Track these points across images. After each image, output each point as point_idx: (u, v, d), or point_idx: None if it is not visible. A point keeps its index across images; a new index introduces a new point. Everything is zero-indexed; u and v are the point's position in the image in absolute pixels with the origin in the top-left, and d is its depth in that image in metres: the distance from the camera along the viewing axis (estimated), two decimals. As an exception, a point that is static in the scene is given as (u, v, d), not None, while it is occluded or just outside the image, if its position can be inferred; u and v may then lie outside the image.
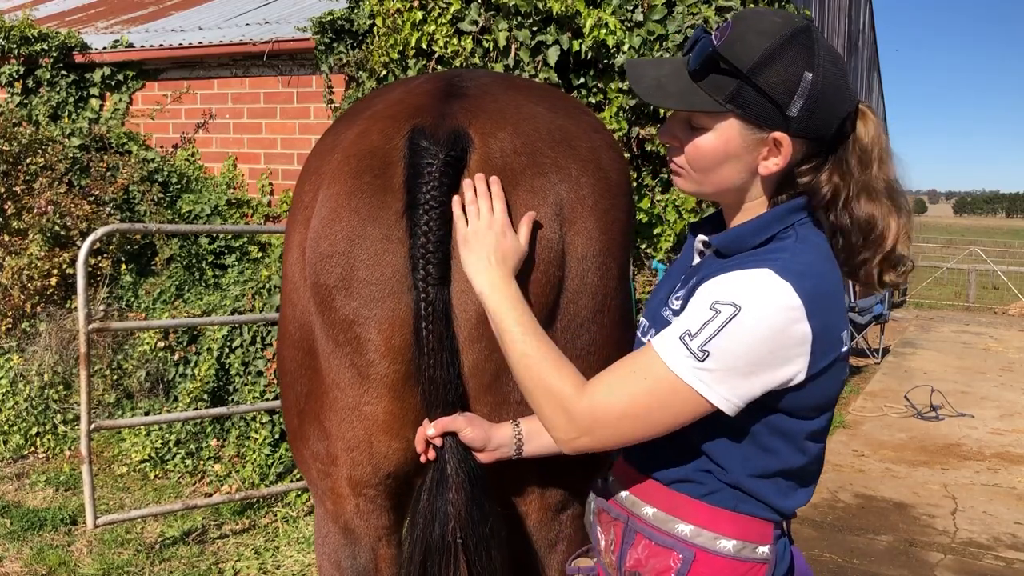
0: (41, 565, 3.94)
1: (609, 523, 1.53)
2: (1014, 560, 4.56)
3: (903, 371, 9.75)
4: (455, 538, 1.49)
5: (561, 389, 1.36)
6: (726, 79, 1.33)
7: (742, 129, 1.35)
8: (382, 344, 1.55)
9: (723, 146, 1.37)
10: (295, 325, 1.71)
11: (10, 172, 5.89)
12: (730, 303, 1.27)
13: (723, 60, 1.32)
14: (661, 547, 1.41)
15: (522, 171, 1.56)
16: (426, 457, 1.55)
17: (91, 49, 7.34)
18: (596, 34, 4.88)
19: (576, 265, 1.60)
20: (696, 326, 1.29)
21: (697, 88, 1.35)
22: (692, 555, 1.38)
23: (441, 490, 1.52)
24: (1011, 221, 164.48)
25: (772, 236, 1.38)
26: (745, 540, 1.39)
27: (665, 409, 1.31)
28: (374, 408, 1.60)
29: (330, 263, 1.57)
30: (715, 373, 1.27)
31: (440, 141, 1.54)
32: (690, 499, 1.41)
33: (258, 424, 4.98)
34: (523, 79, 1.97)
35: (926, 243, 31.07)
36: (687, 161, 1.41)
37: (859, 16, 12.35)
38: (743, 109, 1.33)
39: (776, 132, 1.34)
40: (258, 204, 6.81)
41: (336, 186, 1.60)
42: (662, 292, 1.55)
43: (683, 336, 1.29)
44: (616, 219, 1.67)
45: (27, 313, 5.73)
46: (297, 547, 4.23)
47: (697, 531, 1.39)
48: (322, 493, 1.75)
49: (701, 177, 1.41)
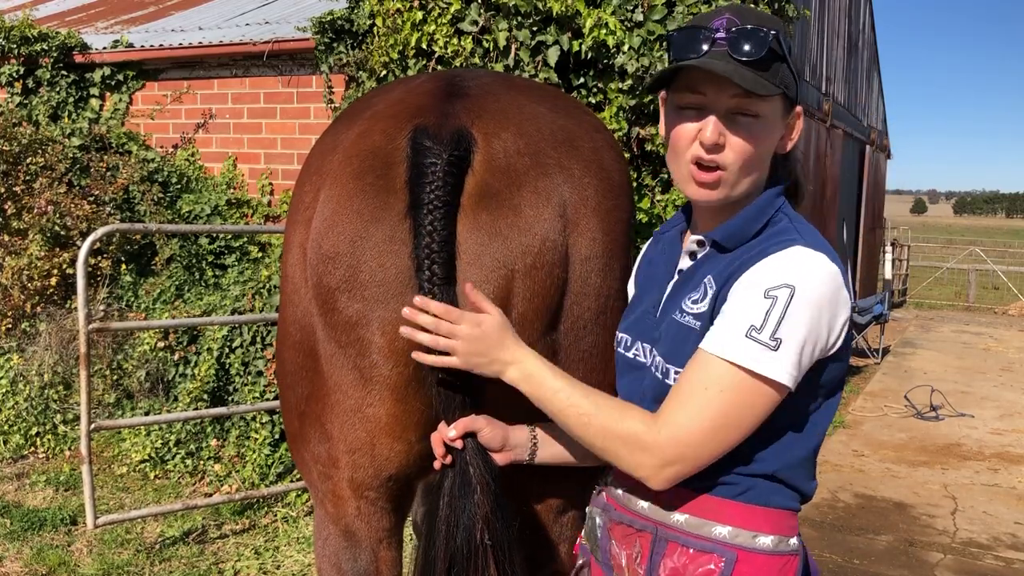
0: (41, 565, 3.94)
1: (631, 536, 1.49)
2: (1014, 560, 4.56)
3: (903, 371, 9.75)
4: (483, 540, 1.47)
5: (632, 431, 1.35)
6: (778, 64, 1.38)
7: (782, 108, 1.42)
8: (385, 346, 1.54)
9: (771, 129, 1.41)
10: (296, 326, 1.69)
11: (10, 172, 5.89)
12: (783, 285, 1.30)
13: (779, 44, 1.37)
14: (700, 552, 1.39)
15: (526, 172, 1.55)
16: (443, 461, 1.52)
17: (91, 49, 7.34)
18: (596, 34, 4.88)
19: (580, 266, 1.59)
20: (759, 318, 1.30)
21: (758, 75, 1.35)
22: (734, 556, 1.37)
23: (465, 492, 1.48)
24: (1011, 221, 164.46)
25: (767, 221, 1.42)
26: (780, 534, 1.40)
27: (751, 409, 1.32)
28: (377, 410, 1.58)
29: (333, 264, 1.55)
30: (790, 357, 1.30)
31: (443, 141, 1.52)
32: (723, 500, 1.39)
33: (258, 424, 4.98)
34: (523, 79, 1.96)
35: (926, 243, 31.08)
36: (743, 158, 1.38)
37: (859, 16, 12.34)
38: (788, 89, 1.40)
39: (798, 107, 1.45)
40: (258, 204, 6.81)
41: (338, 187, 1.58)
42: (645, 303, 1.54)
43: (749, 333, 1.30)
44: (619, 220, 1.66)
45: (27, 313, 5.73)
46: (297, 547, 4.23)
47: (735, 531, 1.38)
48: (323, 495, 1.74)
49: (742, 174, 1.39)
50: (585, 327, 1.62)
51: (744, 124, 1.37)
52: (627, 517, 1.50)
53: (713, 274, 1.41)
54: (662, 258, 1.57)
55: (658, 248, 1.61)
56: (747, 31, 1.35)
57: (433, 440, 1.53)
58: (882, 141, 14.00)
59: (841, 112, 10.45)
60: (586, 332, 1.62)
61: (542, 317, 1.56)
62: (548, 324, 1.58)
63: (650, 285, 1.56)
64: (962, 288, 19.17)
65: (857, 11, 12.11)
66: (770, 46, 1.34)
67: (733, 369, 1.30)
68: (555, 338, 1.60)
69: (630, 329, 1.54)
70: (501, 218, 1.52)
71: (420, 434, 1.61)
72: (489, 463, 1.50)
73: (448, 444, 1.49)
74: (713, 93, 1.36)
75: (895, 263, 16.20)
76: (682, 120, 1.41)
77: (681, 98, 1.41)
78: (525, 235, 1.53)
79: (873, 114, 13.71)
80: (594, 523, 1.59)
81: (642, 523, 1.47)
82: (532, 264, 1.52)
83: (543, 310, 1.55)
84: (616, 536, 1.52)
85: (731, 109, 1.37)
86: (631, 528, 1.49)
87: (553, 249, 1.54)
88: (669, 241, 1.59)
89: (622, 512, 1.51)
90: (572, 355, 1.62)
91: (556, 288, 1.55)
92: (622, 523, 1.51)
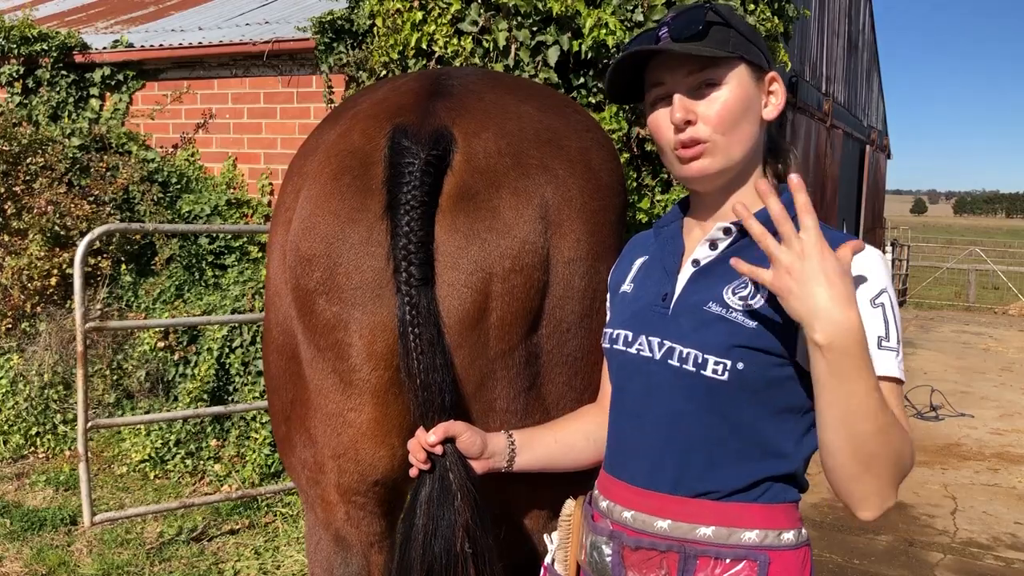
0: (41, 565, 3.94)
1: (654, 559, 1.39)
2: (1014, 560, 4.55)
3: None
4: (463, 549, 1.43)
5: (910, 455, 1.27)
6: (722, 30, 1.39)
7: (749, 74, 1.42)
8: (364, 349, 1.51)
9: (741, 92, 1.41)
10: (278, 329, 1.67)
11: (10, 172, 5.89)
12: (878, 290, 1.32)
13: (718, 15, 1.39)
14: (733, 561, 1.36)
15: (506, 172, 1.53)
16: (421, 466, 1.47)
17: (91, 49, 7.34)
18: (596, 34, 4.87)
19: (562, 269, 1.56)
20: (880, 328, 1.30)
21: (701, 47, 1.37)
22: (767, 558, 1.35)
23: (444, 500, 1.44)
24: (1011, 221, 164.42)
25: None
26: (797, 527, 1.39)
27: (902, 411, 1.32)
28: (357, 415, 1.56)
29: (310, 266, 1.53)
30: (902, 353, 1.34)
31: (422, 140, 1.50)
32: (745, 505, 1.37)
33: (258, 424, 4.99)
34: (512, 77, 1.92)
35: (926, 243, 31.07)
36: (715, 123, 1.39)
37: (859, 16, 12.34)
38: (746, 53, 1.40)
39: (771, 71, 1.45)
40: (258, 204, 6.80)
41: (316, 187, 1.56)
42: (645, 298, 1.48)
43: (881, 344, 1.30)
44: (606, 221, 1.63)
45: (27, 313, 5.73)
46: (297, 547, 4.23)
47: (763, 534, 1.36)
48: (312, 500, 1.72)
49: (729, 139, 1.40)
50: (569, 330, 1.59)
51: (709, 95, 1.40)
52: (646, 541, 1.40)
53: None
54: (663, 252, 1.52)
55: (657, 242, 1.56)
56: (684, 12, 1.39)
57: (411, 446, 1.49)
58: (882, 141, 14.00)
59: (841, 112, 10.44)
60: (570, 335, 1.59)
61: (522, 321, 1.53)
62: (529, 328, 1.55)
63: (650, 279, 1.51)
64: (962, 288, 19.16)
65: (857, 11, 12.11)
66: (705, 18, 1.38)
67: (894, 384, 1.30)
68: (537, 341, 1.57)
69: (629, 324, 1.47)
70: (479, 220, 1.50)
71: (403, 439, 1.59)
72: (468, 470, 1.46)
73: (427, 450, 1.45)
74: (670, 77, 1.41)
75: (895, 263, 16.20)
76: (654, 111, 1.46)
77: (648, 95, 1.45)
78: (504, 237, 1.50)
79: (873, 114, 13.70)
80: (601, 554, 1.46)
81: (666, 544, 1.38)
82: (511, 267, 1.50)
83: (523, 313, 1.52)
84: (633, 563, 1.42)
85: (692, 85, 1.40)
86: (653, 551, 1.39)
87: (533, 252, 1.52)
88: (670, 235, 1.54)
89: (639, 537, 1.41)
90: (556, 359, 1.60)
91: (536, 291, 1.53)
92: (640, 548, 1.41)
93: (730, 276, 1.38)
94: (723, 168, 1.41)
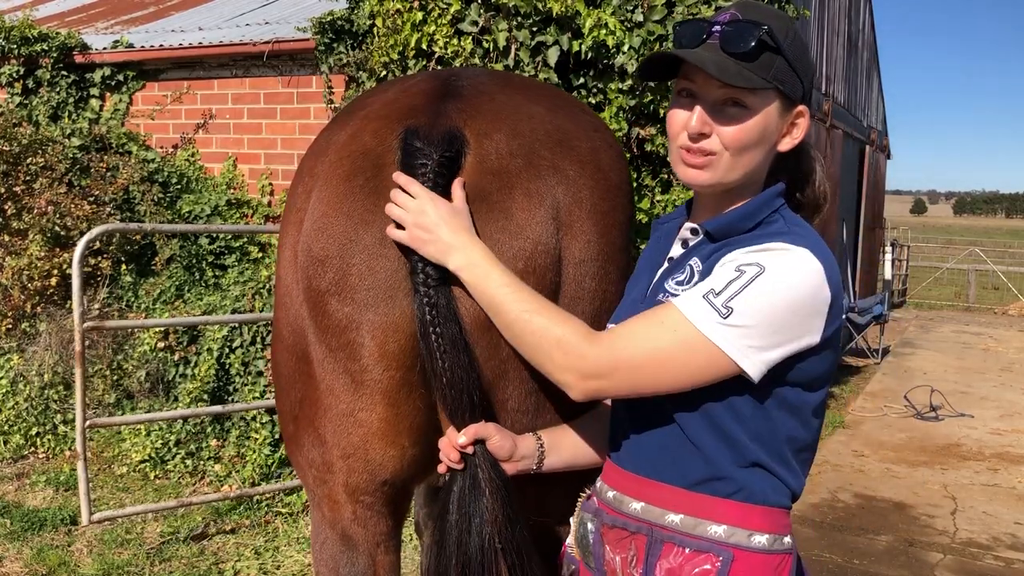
0: (41, 565, 3.94)
1: (626, 539, 1.47)
2: (1014, 560, 4.56)
3: (903, 371, 9.75)
4: (494, 544, 1.46)
5: (572, 335, 1.37)
6: (770, 56, 1.38)
7: (779, 105, 1.41)
8: (376, 350, 1.52)
9: (764, 122, 1.40)
10: (288, 329, 1.68)
11: (10, 172, 5.89)
12: (755, 264, 1.32)
13: (772, 38, 1.37)
14: (696, 552, 1.38)
15: (518, 173, 1.53)
16: (452, 465, 1.50)
17: (91, 49, 7.34)
18: (596, 34, 4.87)
19: (573, 270, 1.57)
20: (720, 285, 1.32)
21: (743, 68, 1.36)
22: (730, 555, 1.36)
23: (476, 496, 1.47)
24: (1011, 221, 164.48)
25: (761, 220, 1.43)
26: (775, 532, 1.40)
27: (686, 366, 1.33)
28: (368, 415, 1.57)
29: (322, 267, 1.54)
30: (738, 330, 1.30)
31: (434, 142, 1.50)
32: (718, 499, 1.39)
33: (258, 424, 4.99)
34: (521, 77, 1.93)
35: (926, 243, 31.09)
36: (727, 144, 1.39)
37: (859, 16, 12.34)
38: (783, 85, 1.39)
39: (801, 106, 1.44)
40: (258, 204, 6.81)
41: (328, 189, 1.57)
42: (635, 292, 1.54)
43: (707, 295, 1.32)
44: (615, 222, 1.64)
45: (27, 313, 5.73)
46: (297, 547, 4.23)
47: (731, 530, 1.38)
48: (319, 499, 1.73)
49: (734, 162, 1.40)
50: None
51: (732, 114, 1.39)
52: (620, 520, 1.48)
53: (699, 256, 1.44)
54: (656, 248, 1.58)
55: (654, 239, 1.62)
56: (740, 24, 1.37)
57: (442, 445, 1.52)
58: (882, 141, 14.00)
59: (841, 112, 10.44)
60: None
61: None
62: None
63: (641, 275, 1.57)
64: (962, 288, 19.17)
65: (857, 11, 12.11)
66: (759, 39, 1.35)
67: (684, 319, 1.32)
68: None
69: (617, 318, 1.53)
70: (492, 221, 1.51)
71: (413, 439, 1.60)
72: (497, 467, 1.49)
73: (459, 449, 1.48)
74: (702, 82, 1.40)
75: (895, 263, 16.19)
76: (677, 105, 1.45)
77: (678, 83, 1.46)
78: (516, 238, 1.51)
79: (873, 114, 13.70)
80: (585, 529, 1.56)
81: (636, 525, 1.45)
82: (524, 268, 1.51)
83: None
84: (609, 541, 1.50)
85: (719, 99, 1.39)
86: (625, 531, 1.47)
87: (545, 252, 1.53)
88: (666, 232, 1.59)
89: (615, 515, 1.49)
90: None
91: (548, 292, 1.53)
92: (615, 527, 1.49)
93: (680, 268, 1.46)
94: (716, 183, 1.43)
